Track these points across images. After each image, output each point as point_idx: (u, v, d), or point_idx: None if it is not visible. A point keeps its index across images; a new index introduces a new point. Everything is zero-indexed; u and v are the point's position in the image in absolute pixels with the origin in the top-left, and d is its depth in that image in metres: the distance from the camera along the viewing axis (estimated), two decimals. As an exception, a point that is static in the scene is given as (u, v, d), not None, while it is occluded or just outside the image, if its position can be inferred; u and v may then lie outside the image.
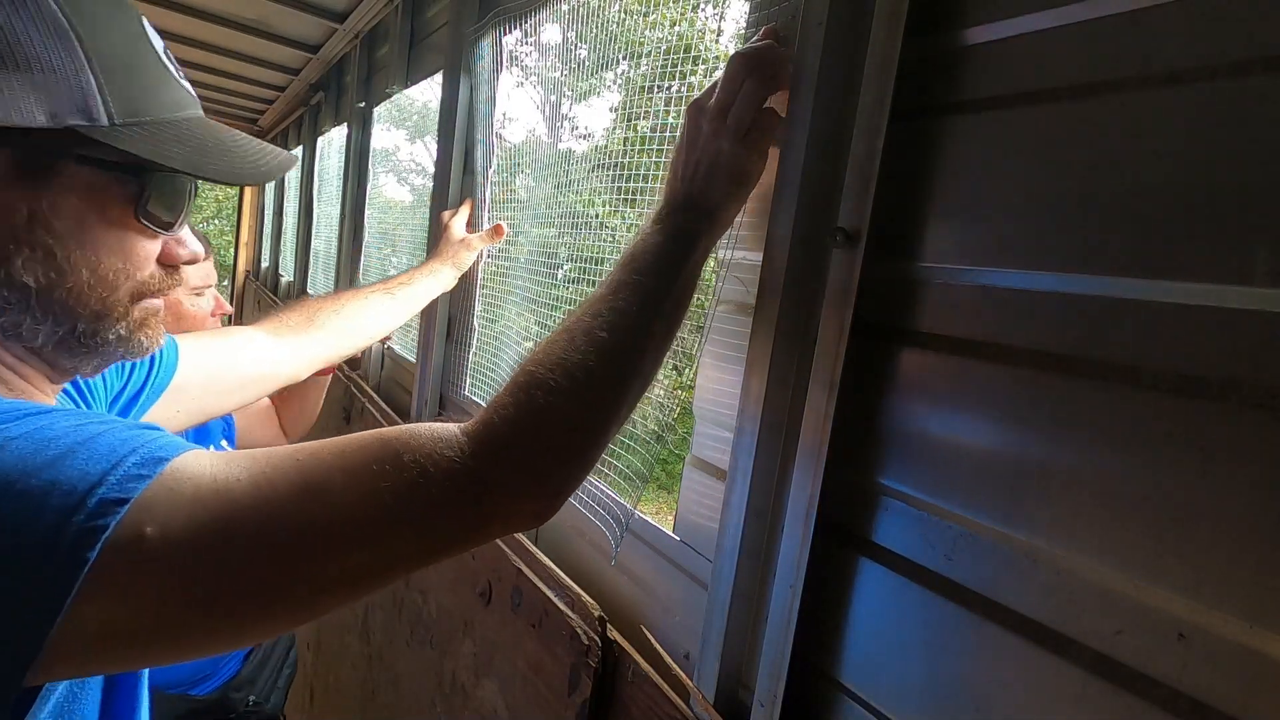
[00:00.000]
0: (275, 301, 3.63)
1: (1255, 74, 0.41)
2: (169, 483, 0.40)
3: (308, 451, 0.45)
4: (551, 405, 0.50)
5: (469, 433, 0.49)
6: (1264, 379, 0.39)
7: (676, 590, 0.82)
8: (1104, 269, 0.46)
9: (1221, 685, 0.40)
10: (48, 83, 0.43)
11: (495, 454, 0.48)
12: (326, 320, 1.01)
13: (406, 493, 0.44)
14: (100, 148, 0.46)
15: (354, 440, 0.47)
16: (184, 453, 0.42)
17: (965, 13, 0.56)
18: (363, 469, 0.45)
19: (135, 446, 0.41)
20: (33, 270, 0.46)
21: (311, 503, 0.43)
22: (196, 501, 0.40)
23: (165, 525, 0.39)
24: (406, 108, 2.24)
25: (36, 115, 0.43)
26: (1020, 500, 0.50)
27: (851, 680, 0.61)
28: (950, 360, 0.55)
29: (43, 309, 0.48)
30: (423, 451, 0.46)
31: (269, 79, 3.28)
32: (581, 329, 0.55)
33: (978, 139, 0.55)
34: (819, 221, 0.64)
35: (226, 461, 0.43)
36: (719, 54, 0.93)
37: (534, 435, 0.50)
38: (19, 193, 0.45)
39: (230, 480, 0.42)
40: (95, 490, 0.38)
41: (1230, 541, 0.40)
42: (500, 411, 0.50)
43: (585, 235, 1.10)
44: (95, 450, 0.40)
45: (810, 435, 0.62)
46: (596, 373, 0.53)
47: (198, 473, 0.41)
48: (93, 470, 0.38)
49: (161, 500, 0.39)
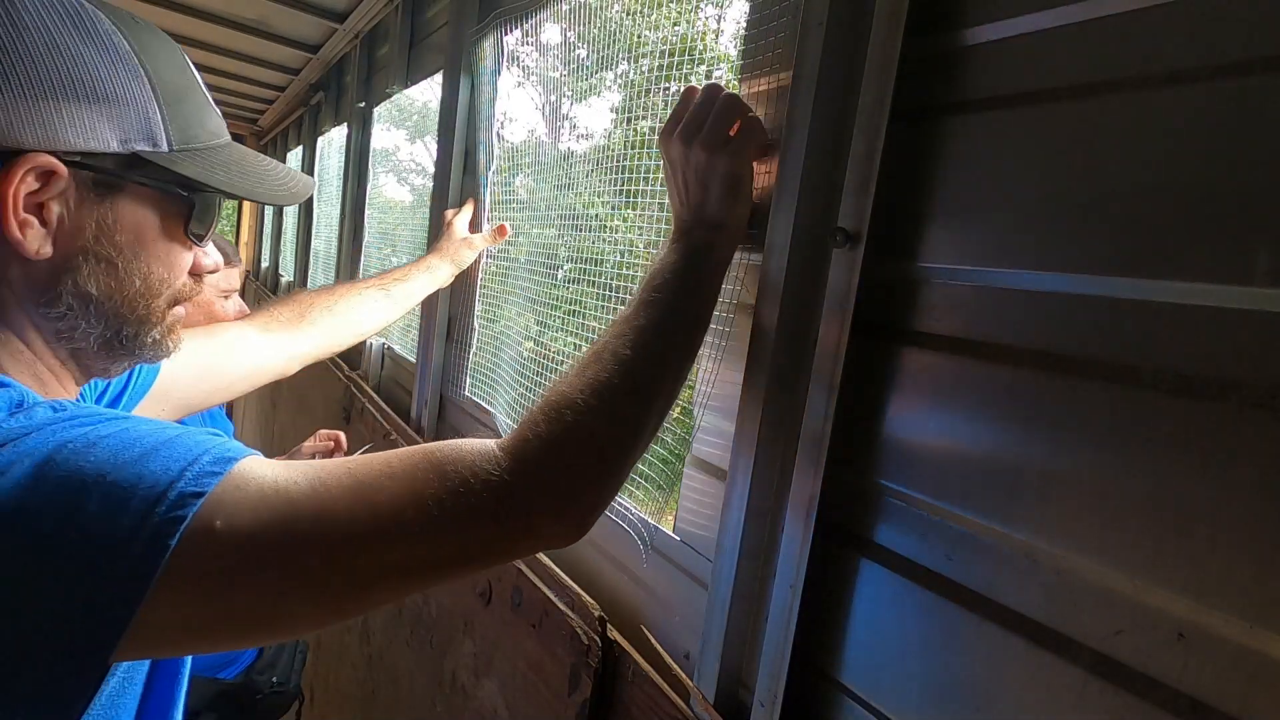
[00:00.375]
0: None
1: (1255, 74, 0.41)
2: (237, 480, 0.44)
3: (359, 462, 0.49)
4: (581, 423, 0.52)
5: (505, 449, 0.51)
6: (1264, 379, 0.39)
7: (676, 590, 0.82)
8: (1104, 269, 0.46)
9: (1221, 685, 0.40)
10: (122, 113, 0.50)
11: (530, 472, 0.50)
12: (318, 317, 1.01)
13: (449, 500, 0.47)
14: (160, 170, 0.52)
15: (401, 452, 0.50)
16: (249, 456, 0.46)
17: (965, 13, 0.56)
18: (408, 477, 0.48)
19: (208, 448, 0.45)
20: (96, 279, 0.52)
21: (362, 504, 0.46)
22: (261, 499, 0.44)
23: (232, 519, 0.42)
24: (406, 108, 2.24)
25: (110, 142, 0.50)
26: (1020, 500, 0.50)
27: (851, 680, 0.61)
28: (950, 360, 0.55)
29: (98, 314, 0.53)
30: (464, 463, 0.49)
31: (269, 79, 3.28)
32: (609, 350, 0.57)
33: (978, 139, 0.55)
34: (819, 221, 0.64)
35: (286, 467, 0.47)
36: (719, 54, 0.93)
37: (565, 453, 0.52)
38: (89, 209, 0.51)
39: (290, 482, 0.45)
40: (175, 485, 0.42)
41: (1230, 541, 0.40)
42: (534, 429, 0.52)
43: (585, 235, 1.10)
44: (174, 450, 0.44)
45: (810, 435, 0.62)
46: (622, 389, 0.55)
47: (261, 475, 0.45)
48: (173, 467, 0.43)
49: (230, 496, 0.43)
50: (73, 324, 0.53)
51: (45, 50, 0.47)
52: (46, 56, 0.47)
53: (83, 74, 0.48)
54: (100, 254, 0.52)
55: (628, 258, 1.02)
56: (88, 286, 0.52)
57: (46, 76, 0.47)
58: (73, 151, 0.48)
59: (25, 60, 0.46)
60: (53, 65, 0.47)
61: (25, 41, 0.46)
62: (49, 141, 0.47)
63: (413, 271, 1.16)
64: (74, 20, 0.49)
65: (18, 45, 0.46)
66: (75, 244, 0.51)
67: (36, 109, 0.47)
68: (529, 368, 1.19)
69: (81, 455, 0.42)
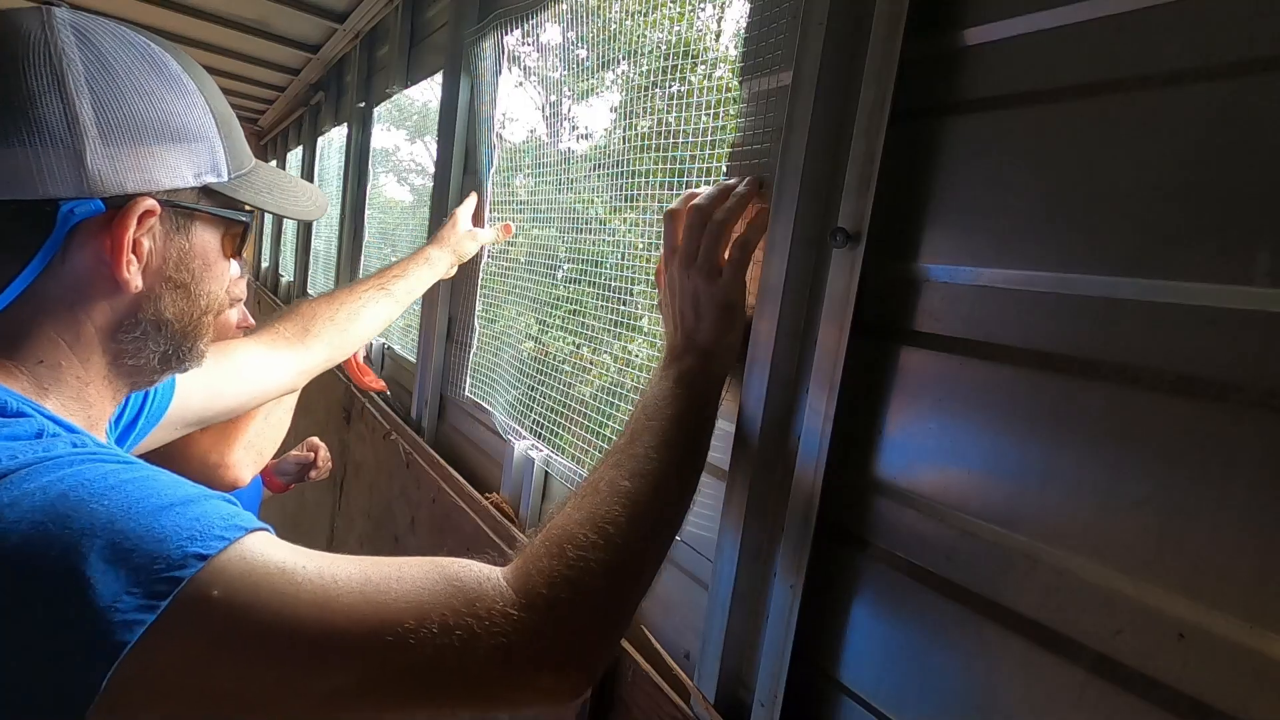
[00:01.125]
0: (276, 302, 3.63)
1: (1255, 74, 0.41)
2: (244, 552, 0.43)
3: (370, 560, 0.48)
4: (585, 560, 0.50)
5: (510, 580, 0.49)
6: (1264, 379, 0.39)
7: (677, 590, 0.82)
8: (1104, 269, 0.46)
9: (1221, 685, 0.40)
10: (197, 149, 0.53)
11: (536, 609, 0.47)
12: (322, 329, 1.02)
13: (453, 619, 0.45)
14: (222, 198, 0.56)
15: (412, 559, 0.49)
16: (262, 531, 0.46)
17: (965, 13, 0.56)
18: (415, 585, 0.46)
19: (224, 514, 0.44)
20: (175, 306, 0.56)
21: (365, 602, 0.44)
22: (265, 576, 0.43)
23: (231, 590, 0.41)
24: (406, 108, 2.24)
25: (188, 177, 0.53)
26: (1020, 500, 0.50)
27: (851, 680, 0.61)
28: (950, 360, 0.55)
29: (168, 335, 0.56)
30: (472, 584, 0.47)
31: (269, 79, 3.28)
32: (606, 481, 0.56)
33: (978, 139, 0.55)
34: (819, 221, 0.64)
35: (295, 550, 0.46)
36: (719, 54, 0.93)
37: (571, 591, 0.49)
38: (172, 241, 0.54)
39: (297, 566, 0.44)
40: (183, 545, 0.41)
41: (1230, 541, 0.40)
42: (534, 562, 0.50)
43: (585, 235, 1.10)
44: (190, 510, 0.43)
45: (810, 435, 0.62)
46: (623, 522, 0.53)
47: (269, 552, 0.44)
48: (184, 526, 0.42)
49: (234, 566, 0.42)
50: (140, 346, 0.55)
51: (137, 98, 0.50)
52: (140, 104, 0.50)
53: (168, 117, 0.51)
54: (178, 280, 0.55)
55: (628, 258, 1.02)
56: (166, 313, 0.55)
57: (142, 123, 0.50)
58: (162, 190, 0.52)
59: (123, 109, 0.49)
60: (145, 112, 0.50)
61: (120, 90, 0.49)
62: (147, 184, 0.50)
63: (410, 267, 1.15)
64: (152, 64, 0.52)
65: (114, 94, 0.49)
66: (160, 275, 0.54)
67: (137, 155, 0.50)
68: (529, 368, 1.19)
69: (97, 498, 0.41)
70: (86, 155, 0.47)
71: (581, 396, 1.05)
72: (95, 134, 0.48)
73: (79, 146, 0.47)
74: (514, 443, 1.18)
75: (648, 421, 0.60)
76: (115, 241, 0.50)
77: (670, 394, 0.62)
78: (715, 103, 0.83)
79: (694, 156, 0.84)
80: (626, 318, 1.01)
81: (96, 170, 0.48)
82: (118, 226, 0.50)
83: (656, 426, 0.60)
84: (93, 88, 0.48)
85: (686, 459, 0.60)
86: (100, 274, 0.51)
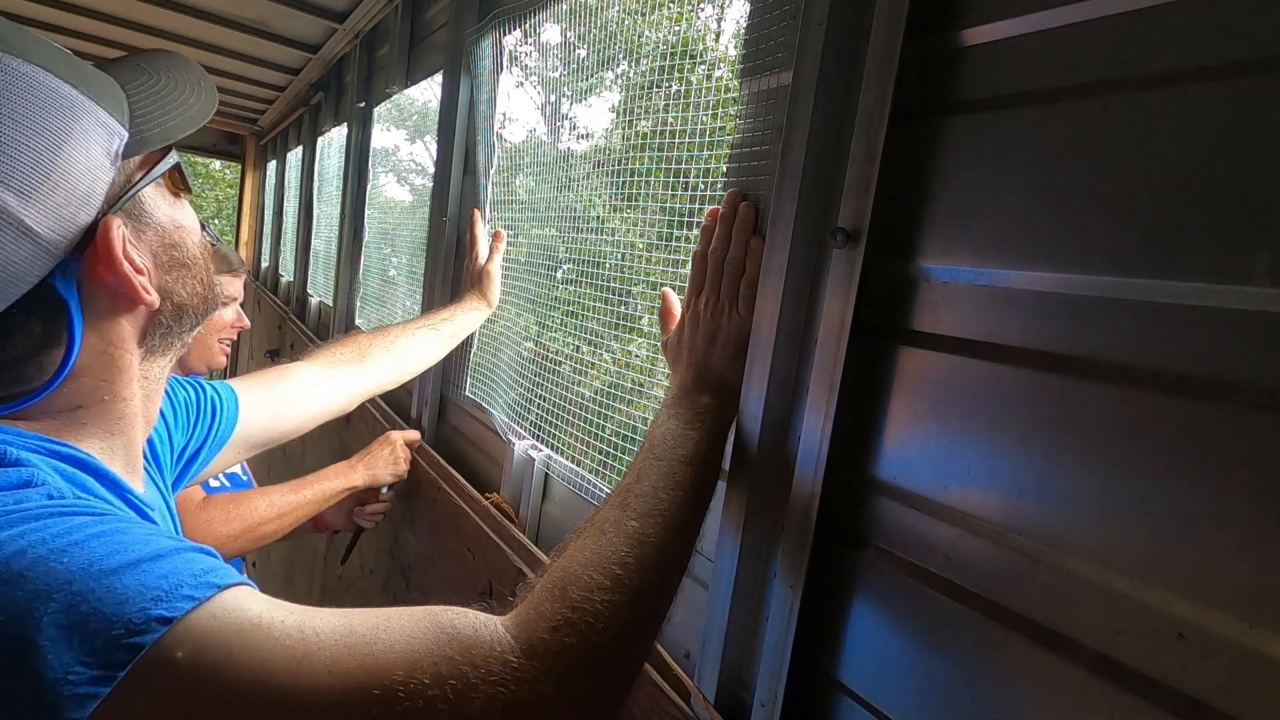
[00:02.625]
0: (275, 302, 3.63)
1: (1255, 74, 0.41)
2: (215, 610, 0.40)
3: (357, 611, 0.45)
4: (591, 603, 0.47)
5: (510, 628, 0.46)
6: (1264, 379, 0.39)
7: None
8: (1104, 269, 0.46)
9: (1221, 685, 0.40)
10: (89, 134, 0.48)
11: (538, 656, 0.45)
12: (378, 356, 1.05)
13: (445, 668, 0.42)
14: (141, 159, 0.52)
15: (403, 609, 0.46)
16: (238, 585, 0.43)
17: (965, 13, 0.56)
18: (405, 634, 0.44)
19: (195, 570, 0.42)
20: (187, 286, 0.55)
21: (350, 655, 0.41)
22: (238, 633, 0.40)
23: (199, 651, 0.38)
24: (406, 108, 2.24)
25: (106, 166, 0.49)
26: (1020, 500, 0.50)
27: (851, 680, 0.61)
28: (950, 360, 0.55)
29: (191, 314, 0.56)
30: (468, 632, 0.45)
31: (269, 79, 3.28)
32: (612, 521, 0.54)
33: (978, 139, 0.55)
34: (819, 221, 0.64)
35: (274, 604, 0.43)
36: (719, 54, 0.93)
37: (577, 636, 0.46)
38: (140, 236, 0.52)
39: (275, 621, 0.41)
40: (146, 607, 0.38)
41: (1230, 541, 0.40)
42: (536, 608, 0.47)
43: (585, 235, 1.09)
44: (157, 567, 0.40)
45: (810, 435, 0.62)
46: (631, 564, 0.50)
47: (245, 607, 0.42)
48: (150, 585, 0.39)
49: (203, 625, 0.39)
50: (168, 338, 0.55)
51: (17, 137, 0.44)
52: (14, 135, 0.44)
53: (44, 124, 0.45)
54: (176, 260, 0.54)
55: (628, 258, 1.02)
56: (184, 299, 0.55)
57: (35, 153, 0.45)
58: (103, 198, 0.49)
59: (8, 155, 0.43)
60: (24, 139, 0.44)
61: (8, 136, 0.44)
62: (91, 205, 0.48)
63: (457, 313, 1.20)
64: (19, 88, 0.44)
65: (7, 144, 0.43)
66: (161, 270, 0.53)
67: (56, 187, 0.45)
68: (529, 368, 1.19)
69: (57, 555, 0.39)
70: (28, 222, 0.44)
71: (581, 396, 1.05)
72: (14, 201, 0.43)
73: (14, 220, 0.44)
74: (514, 443, 1.18)
75: (655, 461, 0.59)
76: (117, 275, 0.49)
77: (680, 434, 0.61)
78: (715, 103, 0.83)
79: (694, 157, 0.84)
80: (626, 318, 1.01)
81: (46, 229, 0.45)
82: (104, 263, 0.48)
83: (665, 467, 0.58)
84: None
85: (694, 499, 0.58)
86: (120, 306, 0.51)
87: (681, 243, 0.88)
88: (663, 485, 0.57)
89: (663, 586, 0.53)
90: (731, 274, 0.69)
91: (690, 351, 0.70)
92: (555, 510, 1.14)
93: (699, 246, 0.73)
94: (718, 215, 0.71)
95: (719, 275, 0.70)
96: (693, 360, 0.69)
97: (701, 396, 0.66)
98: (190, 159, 11.67)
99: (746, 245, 0.69)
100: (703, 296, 0.71)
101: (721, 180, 0.78)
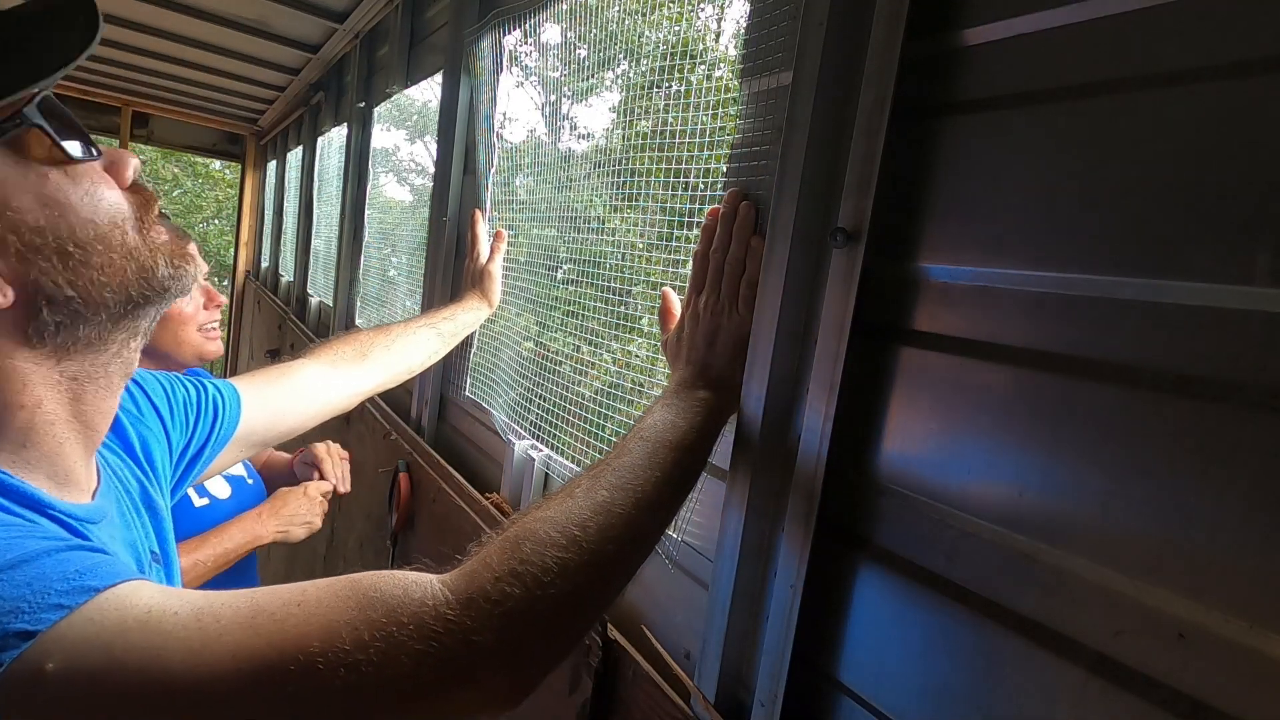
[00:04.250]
0: (275, 301, 3.63)
1: (1255, 74, 0.41)
2: (92, 613, 0.37)
3: (268, 590, 0.42)
4: (541, 556, 0.46)
5: (448, 583, 0.44)
6: (1264, 379, 0.39)
7: (677, 590, 0.82)
8: (1104, 269, 0.46)
9: (1221, 685, 0.40)
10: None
11: (476, 606, 0.43)
12: (379, 355, 1.04)
13: (367, 631, 0.40)
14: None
15: (320, 581, 0.43)
16: (122, 582, 0.40)
17: (965, 13, 0.56)
18: (321, 605, 0.41)
19: (69, 573, 0.38)
20: (65, 276, 0.44)
21: (257, 636, 0.39)
22: (120, 632, 0.37)
23: (72, 659, 0.36)
24: (406, 108, 2.24)
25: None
26: (1020, 500, 0.50)
27: (851, 680, 0.61)
28: (950, 360, 0.55)
29: (92, 306, 0.46)
30: (393, 592, 0.42)
31: (269, 79, 3.28)
32: (582, 489, 0.53)
33: (978, 139, 0.55)
34: (819, 221, 0.64)
35: (167, 594, 0.40)
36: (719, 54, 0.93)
37: (521, 586, 0.44)
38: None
39: (165, 612, 0.38)
40: (4, 621, 0.35)
41: (1230, 541, 0.40)
42: (483, 560, 0.46)
43: (585, 235, 1.10)
44: (20, 575, 0.37)
45: (810, 435, 0.62)
46: (593, 528, 0.49)
47: (130, 603, 0.39)
48: (7, 596, 0.36)
49: (76, 631, 0.36)
50: (74, 337, 0.46)
51: None
52: None
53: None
54: (37, 248, 0.43)
55: (628, 258, 1.02)
56: (59, 293, 0.44)
57: None
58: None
59: None
60: None
61: None
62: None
63: (458, 312, 1.19)
64: None
65: None
66: (21, 262, 0.43)
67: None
68: (529, 368, 1.19)
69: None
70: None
71: (581, 396, 1.05)
72: None
73: None
74: (514, 443, 1.18)
75: (641, 442, 0.58)
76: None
77: (670, 423, 0.61)
78: (715, 103, 0.83)
79: (694, 157, 0.85)
80: (626, 318, 1.01)
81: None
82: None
83: (648, 448, 0.57)
84: None
85: (672, 484, 0.57)
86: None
87: (681, 243, 0.88)
88: (642, 464, 0.55)
89: (620, 558, 0.51)
90: (732, 274, 0.69)
91: (690, 351, 0.70)
92: (555, 510, 1.14)
93: (699, 246, 0.73)
94: (718, 215, 0.71)
95: (719, 275, 0.70)
96: (693, 359, 0.69)
97: (699, 391, 0.66)
98: (190, 159, 11.64)
99: (747, 245, 0.69)
100: (703, 296, 0.71)
101: (721, 180, 0.78)
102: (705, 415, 0.64)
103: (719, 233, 0.71)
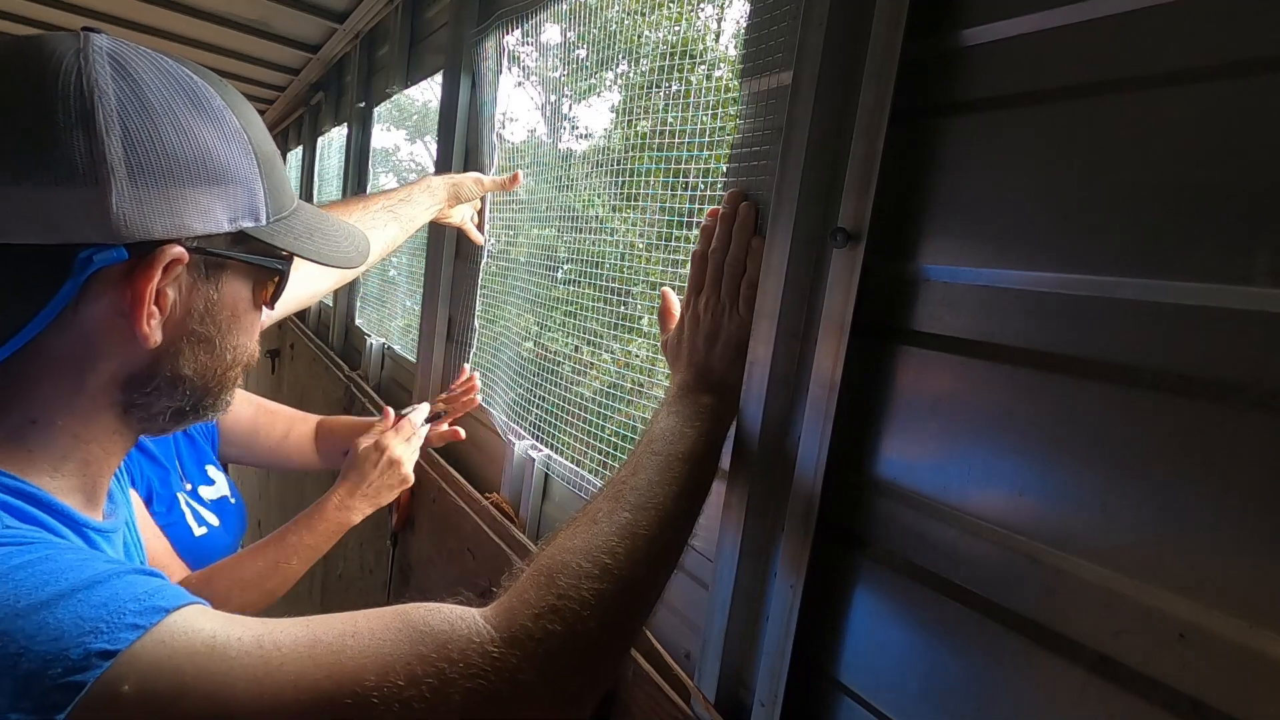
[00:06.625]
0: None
1: (1255, 74, 0.41)
2: (163, 635, 0.38)
3: (321, 619, 0.43)
4: (578, 590, 0.46)
5: (490, 619, 0.45)
6: (1264, 379, 0.39)
7: (677, 590, 0.82)
8: (1104, 269, 0.46)
9: (1221, 685, 0.40)
10: (235, 192, 0.49)
11: (520, 644, 0.43)
12: None
13: (420, 667, 0.41)
14: (259, 245, 0.52)
15: (371, 611, 0.44)
16: (187, 605, 0.41)
17: (965, 13, 0.56)
18: (374, 637, 0.42)
19: (137, 594, 0.39)
20: (194, 361, 0.51)
21: (315, 666, 0.39)
22: (189, 657, 0.38)
23: (147, 681, 0.36)
24: (406, 108, 2.24)
25: (223, 222, 0.48)
26: (1020, 500, 0.50)
27: (852, 680, 0.61)
28: (950, 360, 0.55)
29: (184, 391, 0.51)
30: (443, 627, 0.43)
31: (269, 79, 3.28)
32: (604, 512, 0.53)
33: (978, 139, 0.55)
34: (819, 221, 0.64)
35: (230, 620, 0.41)
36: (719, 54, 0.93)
37: (561, 623, 0.45)
38: (198, 292, 0.49)
39: (230, 638, 0.39)
40: (83, 641, 0.36)
41: (1230, 541, 0.40)
42: (520, 596, 0.46)
43: (585, 235, 1.10)
44: (95, 595, 0.38)
45: (810, 435, 0.62)
46: (621, 554, 0.49)
47: (197, 627, 0.39)
48: (87, 617, 0.37)
49: (150, 654, 0.37)
50: (152, 401, 0.50)
51: (174, 135, 0.45)
52: (176, 142, 0.45)
53: (205, 156, 0.47)
54: (201, 334, 0.50)
55: (628, 258, 1.02)
56: (185, 369, 0.50)
57: (176, 163, 0.45)
58: (193, 236, 0.47)
59: (158, 148, 0.44)
60: (181, 150, 0.45)
61: (156, 128, 0.45)
62: (176, 229, 0.46)
63: (414, 191, 1.09)
64: (193, 98, 0.47)
65: (148, 131, 0.44)
66: (183, 328, 0.49)
67: (168, 197, 0.45)
68: (529, 368, 1.19)
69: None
70: (111, 197, 0.43)
71: (581, 396, 1.05)
72: (123, 174, 0.43)
73: (103, 187, 0.43)
74: (514, 443, 1.18)
75: (652, 456, 0.58)
76: (136, 292, 0.45)
77: (679, 432, 0.61)
78: (715, 103, 0.83)
79: (694, 157, 0.85)
80: (626, 318, 1.01)
81: (121, 213, 0.43)
82: (140, 276, 0.45)
83: (661, 462, 0.58)
84: (125, 123, 0.43)
85: (689, 496, 0.57)
86: (116, 326, 0.46)
87: (681, 243, 0.88)
88: (658, 480, 0.56)
89: (651, 580, 0.52)
90: (732, 274, 0.69)
91: (690, 352, 0.70)
92: (555, 510, 1.14)
93: (699, 246, 0.73)
94: (718, 215, 0.71)
95: (719, 275, 0.70)
96: (693, 360, 0.69)
97: (702, 396, 0.66)
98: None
99: (747, 245, 0.69)
100: (703, 296, 0.71)
101: (721, 180, 0.78)
102: (712, 422, 0.64)
103: (718, 233, 0.71)
